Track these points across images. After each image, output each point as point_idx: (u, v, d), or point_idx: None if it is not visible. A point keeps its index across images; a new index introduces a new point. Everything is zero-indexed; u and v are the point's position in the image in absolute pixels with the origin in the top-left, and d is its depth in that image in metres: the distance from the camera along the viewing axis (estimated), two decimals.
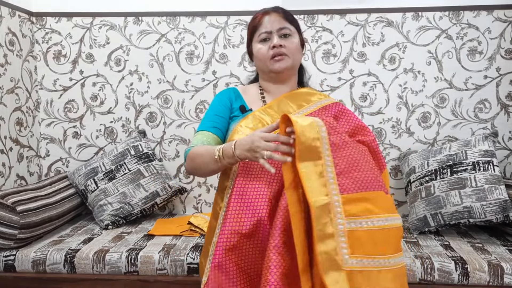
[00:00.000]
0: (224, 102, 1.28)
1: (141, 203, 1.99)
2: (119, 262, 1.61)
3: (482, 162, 1.78)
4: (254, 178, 1.10)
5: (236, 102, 1.28)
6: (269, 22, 1.23)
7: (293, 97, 1.25)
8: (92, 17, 2.18)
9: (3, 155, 1.94)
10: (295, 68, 1.29)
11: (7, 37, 1.98)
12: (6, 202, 1.63)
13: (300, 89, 1.31)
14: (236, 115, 1.25)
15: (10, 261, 1.62)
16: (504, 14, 2.05)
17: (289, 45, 1.22)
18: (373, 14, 2.11)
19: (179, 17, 2.17)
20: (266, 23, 1.23)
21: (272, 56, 1.22)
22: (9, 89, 1.99)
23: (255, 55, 1.27)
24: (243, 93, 1.31)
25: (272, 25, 1.23)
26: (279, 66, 1.22)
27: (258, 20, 1.25)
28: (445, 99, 2.13)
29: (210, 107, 1.29)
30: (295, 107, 1.22)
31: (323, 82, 2.16)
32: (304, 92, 1.28)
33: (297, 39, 1.26)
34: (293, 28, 1.25)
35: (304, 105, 1.23)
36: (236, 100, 1.29)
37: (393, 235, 0.98)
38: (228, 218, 1.06)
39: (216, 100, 1.30)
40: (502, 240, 1.76)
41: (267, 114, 1.20)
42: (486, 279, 1.48)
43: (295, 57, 1.25)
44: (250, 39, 1.30)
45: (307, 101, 1.25)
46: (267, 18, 1.24)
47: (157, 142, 2.25)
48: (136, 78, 2.22)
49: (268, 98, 1.29)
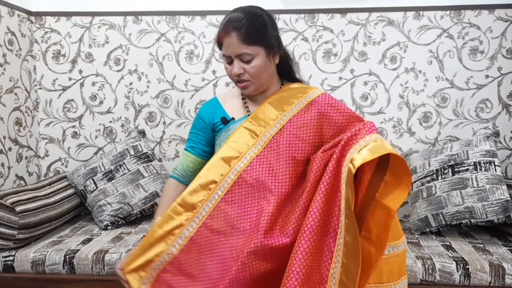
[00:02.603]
0: (202, 124, 1.28)
1: (140, 204, 1.98)
2: (118, 263, 1.60)
3: (483, 162, 1.77)
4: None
5: (216, 114, 1.26)
6: (228, 46, 1.14)
7: (277, 101, 1.22)
8: (91, 16, 2.17)
9: (2, 155, 1.93)
10: (265, 85, 1.23)
11: (6, 37, 1.97)
12: (5, 202, 1.62)
13: (283, 91, 1.25)
14: (220, 127, 1.25)
15: (9, 262, 1.62)
16: (506, 13, 2.04)
17: (250, 69, 1.15)
18: (374, 13, 2.10)
19: (178, 16, 2.16)
20: (226, 46, 1.15)
21: (236, 81, 1.20)
22: (8, 88, 1.98)
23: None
24: (224, 103, 1.29)
25: (231, 50, 1.14)
26: (244, 92, 1.22)
27: (218, 38, 1.18)
28: (447, 98, 2.13)
29: (192, 125, 1.31)
30: (280, 111, 1.19)
31: (323, 81, 2.15)
32: (287, 95, 1.24)
33: (261, 57, 1.15)
34: (256, 47, 1.14)
35: (287, 109, 1.20)
36: (216, 112, 1.27)
37: (398, 261, 1.01)
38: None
39: (195, 119, 1.31)
40: (503, 240, 1.75)
41: (257, 124, 1.17)
42: (487, 279, 1.48)
43: (260, 79, 1.19)
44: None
45: (290, 103, 1.21)
46: (226, 41, 1.14)
47: (157, 142, 2.25)
48: (136, 78, 2.21)
49: (251, 106, 1.26)
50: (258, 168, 1.11)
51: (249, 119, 1.19)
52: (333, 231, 0.97)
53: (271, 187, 1.09)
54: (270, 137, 1.15)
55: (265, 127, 1.16)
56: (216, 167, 1.12)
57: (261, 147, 1.14)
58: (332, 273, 0.93)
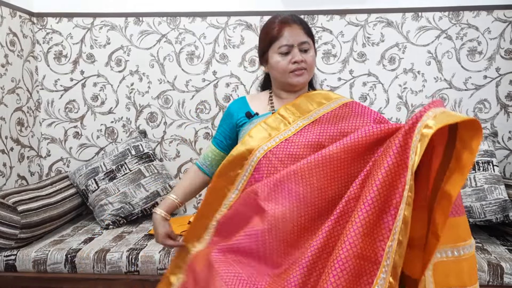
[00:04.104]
0: (227, 117, 1.34)
1: (141, 203, 1.99)
2: (119, 262, 1.61)
3: (481, 162, 1.78)
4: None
5: (242, 110, 1.31)
6: (291, 35, 1.20)
7: (311, 97, 1.28)
8: (93, 17, 2.19)
9: (4, 155, 1.95)
10: (308, 81, 1.31)
11: (8, 38, 1.99)
12: (7, 202, 1.64)
13: (315, 92, 1.32)
14: (244, 122, 1.29)
15: (11, 261, 1.63)
16: (504, 14, 2.06)
17: (308, 59, 1.22)
18: (373, 15, 2.11)
19: (179, 17, 2.17)
20: (287, 35, 1.20)
21: (293, 70, 1.22)
22: (10, 89, 1.99)
23: (273, 66, 1.25)
24: (250, 101, 1.34)
25: (294, 39, 1.20)
26: (298, 81, 1.24)
27: (277, 31, 1.22)
28: (445, 99, 2.14)
29: (219, 126, 1.37)
30: (315, 105, 1.24)
31: (323, 82, 2.17)
32: (321, 95, 1.30)
33: (313, 52, 1.26)
34: (311, 41, 1.25)
35: (324, 103, 1.25)
36: (242, 108, 1.31)
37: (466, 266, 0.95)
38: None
39: (223, 116, 1.37)
40: (501, 240, 1.77)
41: (291, 113, 1.23)
42: (486, 278, 1.49)
43: (312, 70, 1.27)
44: (267, 47, 1.26)
45: (327, 99, 1.27)
46: (288, 31, 1.20)
47: (158, 142, 2.26)
48: (137, 78, 2.22)
49: (277, 104, 1.31)
50: (282, 151, 1.16)
51: (285, 106, 1.24)
52: (394, 209, 0.90)
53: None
54: (302, 126, 1.19)
55: (299, 117, 1.21)
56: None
57: (291, 133, 1.18)
58: (387, 251, 0.87)
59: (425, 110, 0.91)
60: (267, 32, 1.25)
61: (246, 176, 1.17)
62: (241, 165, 1.17)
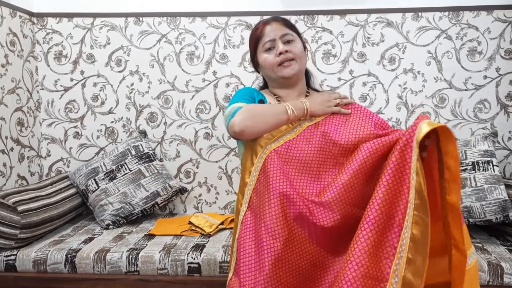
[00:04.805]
0: (250, 93, 1.31)
1: (141, 203, 1.99)
2: (119, 262, 1.61)
3: (481, 162, 1.78)
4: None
5: (257, 96, 1.32)
6: (271, 30, 1.27)
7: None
8: (93, 17, 2.19)
9: (4, 155, 1.95)
10: (302, 72, 1.33)
11: (8, 38, 1.99)
12: (7, 202, 1.64)
13: (318, 92, 1.34)
14: None
15: (11, 261, 1.63)
16: (504, 14, 2.06)
17: (294, 49, 1.26)
18: (373, 15, 2.12)
19: (179, 17, 2.17)
20: (268, 32, 1.27)
21: (280, 62, 1.25)
22: (10, 89, 1.99)
23: (262, 64, 1.30)
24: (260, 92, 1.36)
25: (275, 33, 1.26)
26: (287, 72, 1.25)
27: (260, 31, 1.28)
28: (445, 99, 2.14)
29: (237, 95, 1.28)
30: None
31: (323, 82, 2.17)
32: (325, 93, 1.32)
33: (300, 44, 1.29)
34: (295, 33, 1.29)
35: None
36: (258, 95, 1.33)
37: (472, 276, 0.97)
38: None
39: (241, 90, 1.32)
40: (501, 240, 1.77)
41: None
42: (486, 278, 1.49)
43: (302, 60, 1.28)
44: (254, 50, 1.32)
45: None
46: (269, 28, 1.27)
47: (158, 142, 2.26)
48: (137, 79, 2.22)
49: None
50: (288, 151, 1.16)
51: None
52: (397, 226, 0.91)
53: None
54: (304, 127, 1.20)
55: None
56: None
57: (295, 134, 1.18)
58: (394, 269, 0.88)
59: (415, 125, 0.97)
60: (252, 36, 1.32)
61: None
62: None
